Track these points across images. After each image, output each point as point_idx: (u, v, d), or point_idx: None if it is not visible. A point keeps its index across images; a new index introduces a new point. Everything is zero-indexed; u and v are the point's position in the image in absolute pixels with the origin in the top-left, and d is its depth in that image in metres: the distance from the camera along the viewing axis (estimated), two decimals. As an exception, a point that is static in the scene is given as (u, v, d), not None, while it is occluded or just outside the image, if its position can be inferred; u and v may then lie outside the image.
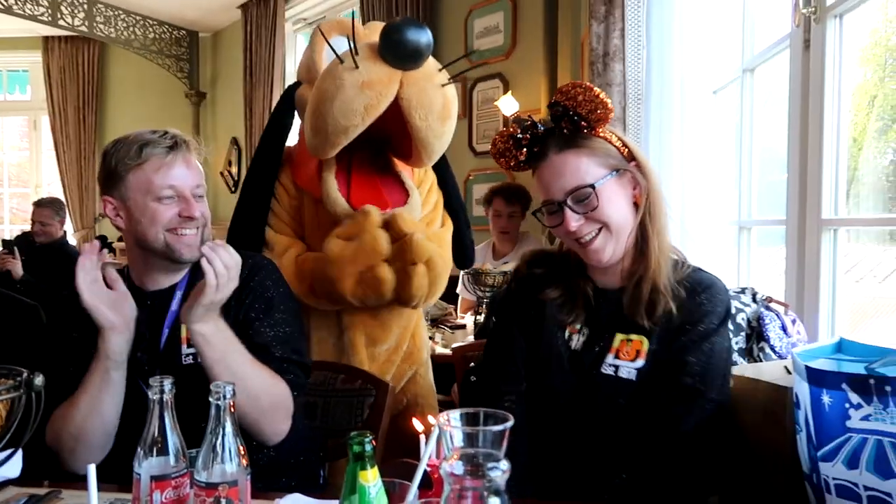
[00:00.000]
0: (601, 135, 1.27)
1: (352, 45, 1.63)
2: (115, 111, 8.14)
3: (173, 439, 0.86)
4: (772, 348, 1.50)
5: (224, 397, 0.82)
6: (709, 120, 2.33)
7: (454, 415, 0.67)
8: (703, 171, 2.27)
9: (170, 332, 1.39)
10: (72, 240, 7.65)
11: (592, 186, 1.22)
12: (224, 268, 1.23)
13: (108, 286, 1.29)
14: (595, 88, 1.25)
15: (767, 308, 1.56)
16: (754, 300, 1.59)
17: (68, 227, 8.02)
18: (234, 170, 7.69)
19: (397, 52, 1.60)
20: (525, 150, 1.29)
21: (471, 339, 2.77)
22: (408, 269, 1.69)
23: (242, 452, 0.84)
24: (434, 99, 1.65)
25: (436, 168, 2.01)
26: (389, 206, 1.75)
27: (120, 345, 1.26)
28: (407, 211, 1.75)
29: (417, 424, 1.08)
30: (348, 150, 1.75)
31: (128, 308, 1.29)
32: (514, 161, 1.32)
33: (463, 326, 3.07)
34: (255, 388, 1.27)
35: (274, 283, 1.46)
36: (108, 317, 1.25)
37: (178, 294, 1.41)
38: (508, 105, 4.36)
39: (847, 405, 0.95)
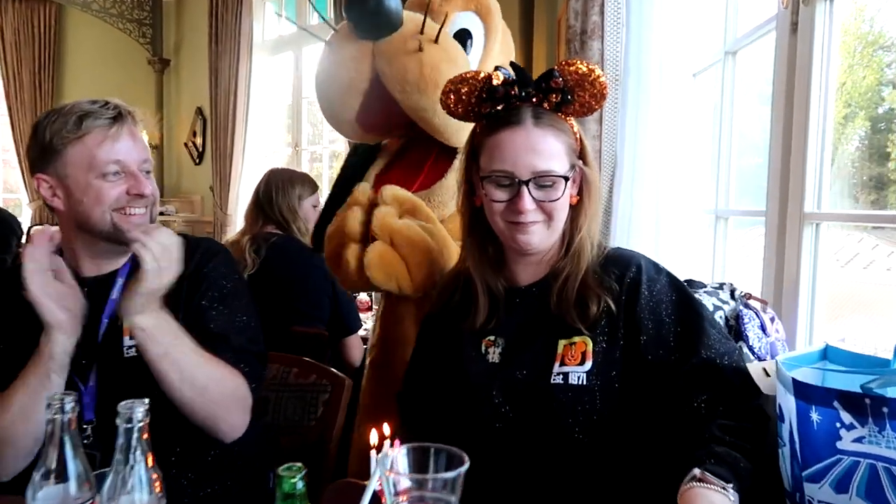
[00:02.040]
0: (569, 122, 1.17)
1: (325, 18, 1.58)
2: (74, 77, 7.78)
3: (75, 465, 0.75)
4: (750, 349, 1.42)
5: (133, 420, 0.70)
6: (687, 103, 2.24)
7: (401, 456, 0.56)
8: (680, 156, 2.18)
9: (109, 323, 1.28)
10: (27, 210, 7.37)
11: (565, 178, 1.12)
12: (162, 250, 1.12)
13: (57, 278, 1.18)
14: (603, 77, 1.13)
15: (746, 306, 1.48)
16: (732, 297, 1.50)
17: (23, 196, 7.76)
18: (198, 141, 7.43)
19: (358, 25, 1.50)
20: (490, 103, 1.15)
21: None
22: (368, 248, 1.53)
23: (156, 478, 0.73)
24: (407, 67, 1.50)
25: None
26: (414, 190, 1.63)
27: (65, 345, 1.15)
28: (434, 194, 1.60)
29: (373, 435, 0.97)
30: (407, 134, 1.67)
31: (77, 303, 1.18)
32: (466, 108, 1.18)
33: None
34: (203, 380, 1.19)
35: (229, 270, 1.37)
36: (56, 314, 1.14)
37: (119, 281, 1.31)
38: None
39: (838, 424, 0.88)
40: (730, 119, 2.18)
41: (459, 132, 1.56)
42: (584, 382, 1.10)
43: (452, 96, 1.19)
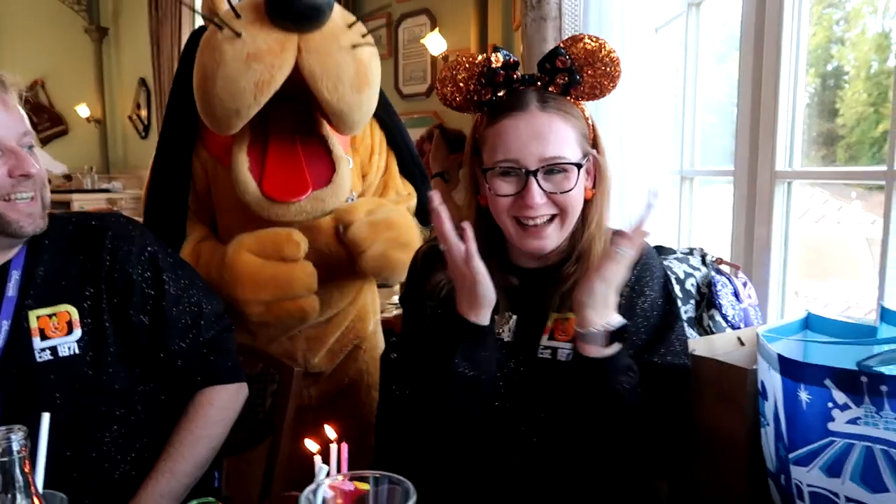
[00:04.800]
0: (580, 107, 1.05)
1: (230, 4, 1.31)
2: (3, 47, 7.33)
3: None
4: (723, 317, 1.35)
5: (11, 452, 0.58)
6: (650, 59, 2.14)
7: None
8: (644, 114, 2.09)
9: (12, 325, 1.10)
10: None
11: (578, 166, 0.99)
12: None
13: None
14: (615, 53, 1.01)
15: (718, 272, 1.40)
16: (703, 263, 1.43)
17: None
18: (143, 113, 7.13)
19: (287, 12, 1.26)
20: (490, 88, 1.03)
21: (396, 299, 2.57)
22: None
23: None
24: (343, 65, 1.32)
25: (381, 122, 1.69)
26: (310, 188, 1.42)
27: None
28: (329, 193, 1.43)
29: (311, 445, 0.87)
30: (264, 112, 1.40)
31: None
32: (465, 97, 1.06)
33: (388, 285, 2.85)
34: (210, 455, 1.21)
35: (140, 246, 1.19)
36: None
37: (15, 275, 1.11)
38: (436, 44, 4.08)
39: (830, 405, 0.80)
40: (694, 75, 2.09)
41: (364, 125, 1.48)
42: (572, 359, 1.02)
43: (450, 86, 1.06)
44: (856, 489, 0.79)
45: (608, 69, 1.02)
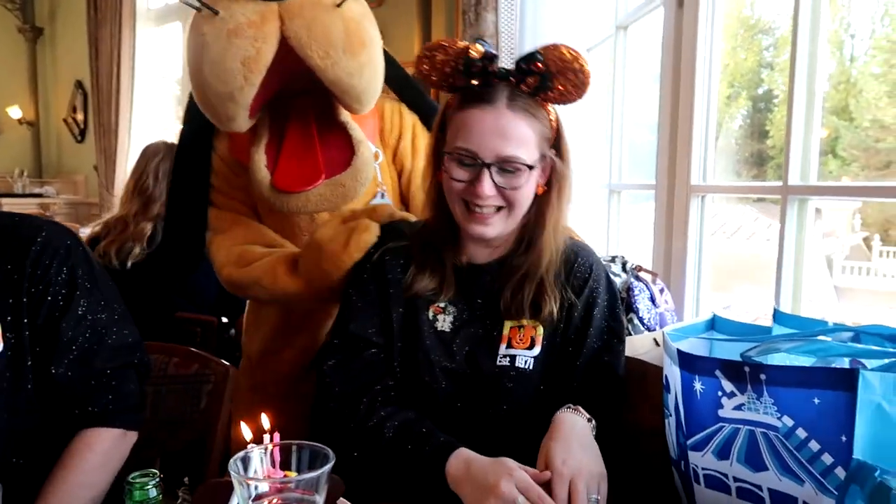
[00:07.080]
0: (547, 109, 1.09)
1: None
2: (-70, 46, 7.04)
3: None
4: (640, 320, 1.45)
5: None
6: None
7: (257, 457, 0.50)
8: (576, 130, 2.20)
9: None
10: None
11: (530, 167, 1.05)
12: None
13: None
14: (587, 66, 1.04)
15: (637, 278, 1.50)
16: (624, 269, 1.52)
17: None
18: (79, 117, 6.94)
19: None
20: (465, 77, 1.06)
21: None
22: None
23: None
24: (330, 27, 1.25)
25: (413, 106, 1.61)
26: (323, 175, 1.35)
27: None
28: (348, 177, 1.34)
29: (245, 431, 0.90)
30: (284, 109, 1.37)
31: None
32: (441, 77, 1.09)
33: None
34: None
35: (63, 259, 1.10)
36: None
37: None
38: (381, 56, 4.13)
39: (720, 393, 0.88)
40: (622, 94, 2.21)
41: (375, 97, 1.39)
42: (531, 367, 1.11)
43: (427, 63, 1.09)
44: (741, 469, 0.88)
45: (578, 80, 1.05)
